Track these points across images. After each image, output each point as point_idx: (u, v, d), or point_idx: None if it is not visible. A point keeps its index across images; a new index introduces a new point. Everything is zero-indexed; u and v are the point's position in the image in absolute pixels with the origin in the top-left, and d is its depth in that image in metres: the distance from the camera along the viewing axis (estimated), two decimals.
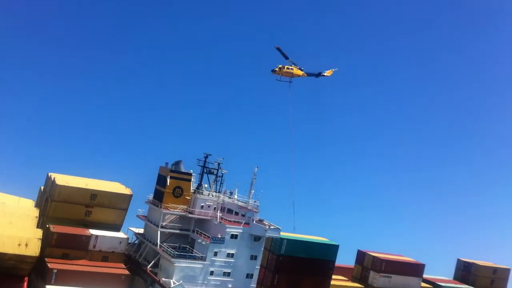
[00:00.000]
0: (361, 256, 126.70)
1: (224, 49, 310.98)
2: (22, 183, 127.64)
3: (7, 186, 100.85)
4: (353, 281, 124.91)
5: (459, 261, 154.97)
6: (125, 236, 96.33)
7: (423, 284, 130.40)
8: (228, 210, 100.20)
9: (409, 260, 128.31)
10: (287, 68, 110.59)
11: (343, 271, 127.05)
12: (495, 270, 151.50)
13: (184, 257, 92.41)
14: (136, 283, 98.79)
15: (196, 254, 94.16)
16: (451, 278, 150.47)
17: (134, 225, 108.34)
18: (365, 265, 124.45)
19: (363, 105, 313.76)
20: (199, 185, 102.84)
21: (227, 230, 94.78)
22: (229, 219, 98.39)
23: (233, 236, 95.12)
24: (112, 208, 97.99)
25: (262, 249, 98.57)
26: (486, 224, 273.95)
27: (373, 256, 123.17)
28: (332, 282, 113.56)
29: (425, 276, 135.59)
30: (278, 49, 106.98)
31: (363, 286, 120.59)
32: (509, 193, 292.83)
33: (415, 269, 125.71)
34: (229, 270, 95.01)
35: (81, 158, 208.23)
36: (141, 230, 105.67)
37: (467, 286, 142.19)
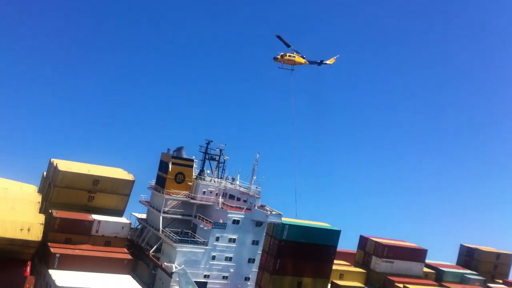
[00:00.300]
0: (363, 241, 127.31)
1: (227, 36, 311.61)
2: (25, 169, 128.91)
3: (10, 172, 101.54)
4: (355, 266, 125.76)
5: (462, 246, 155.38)
6: (128, 221, 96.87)
7: (425, 269, 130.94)
8: (230, 196, 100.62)
9: (411, 245, 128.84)
10: (289, 56, 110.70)
11: (346, 256, 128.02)
12: (498, 255, 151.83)
13: (186, 242, 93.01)
14: (139, 268, 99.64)
15: (198, 239, 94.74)
16: (454, 264, 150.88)
17: (137, 210, 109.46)
18: (367, 250, 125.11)
19: (364, 92, 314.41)
20: (201, 171, 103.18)
21: (229, 215, 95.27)
22: (231, 205, 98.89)
23: (235, 222, 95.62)
24: (114, 194, 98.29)
25: (264, 234, 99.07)
26: (490, 210, 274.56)
27: (375, 242, 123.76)
28: (335, 267, 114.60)
29: (428, 261, 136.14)
30: (279, 37, 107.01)
31: (365, 271, 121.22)
32: None
33: (417, 254, 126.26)
34: (231, 255, 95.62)
35: (84, 145, 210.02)
36: (144, 216, 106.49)
37: (469, 271, 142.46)
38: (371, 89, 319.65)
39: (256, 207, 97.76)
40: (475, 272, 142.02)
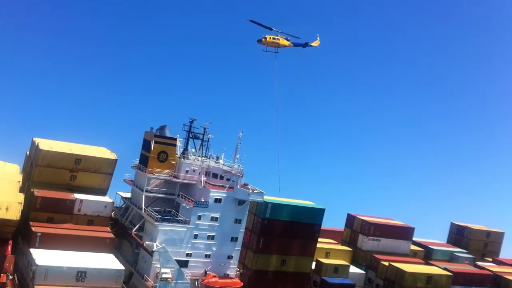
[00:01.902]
0: (350, 219, 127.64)
1: (211, 14, 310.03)
2: (9, 149, 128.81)
3: None
4: (342, 244, 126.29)
5: (452, 224, 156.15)
6: (110, 200, 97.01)
7: (414, 247, 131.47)
8: (213, 175, 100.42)
9: (398, 223, 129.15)
10: (273, 39, 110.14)
11: (333, 234, 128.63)
12: (488, 233, 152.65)
13: (168, 220, 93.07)
14: (124, 247, 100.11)
15: (180, 218, 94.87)
16: (444, 242, 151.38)
17: (123, 189, 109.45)
18: (354, 229, 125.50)
19: (348, 69, 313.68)
20: (185, 150, 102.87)
21: (211, 194, 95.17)
22: (214, 184, 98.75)
23: (217, 200, 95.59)
24: (97, 173, 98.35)
25: (247, 212, 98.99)
26: (480, 189, 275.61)
27: (362, 220, 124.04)
28: (321, 245, 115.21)
29: (417, 239, 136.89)
30: (252, 21, 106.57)
31: (351, 249, 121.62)
32: (504, 159, 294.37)
33: (404, 232, 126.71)
34: (213, 234, 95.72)
35: (70, 124, 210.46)
36: (129, 195, 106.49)
37: (459, 249, 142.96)
38: (355, 68, 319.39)
39: (238, 186, 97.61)
40: (464, 250, 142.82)
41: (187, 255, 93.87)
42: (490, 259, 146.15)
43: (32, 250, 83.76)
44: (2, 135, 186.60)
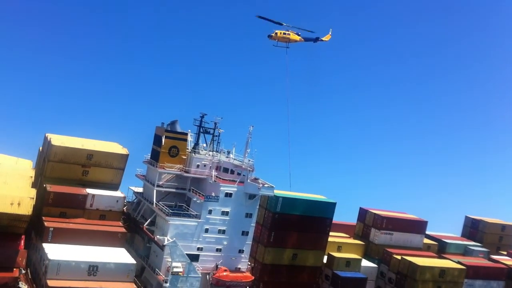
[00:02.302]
0: (362, 213, 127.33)
1: (221, 7, 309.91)
2: (22, 144, 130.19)
3: (9, 148, 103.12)
4: (355, 238, 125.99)
5: (467, 218, 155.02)
6: (122, 195, 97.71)
7: (428, 241, 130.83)
8: (224, 169, 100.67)
9: (410, 217, 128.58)
10: (284, 34, 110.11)
11: (346, 228, 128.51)
12: (503, 227, 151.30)
13: (178, 215, 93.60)
14: (136, 241, 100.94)
15: (191, 213, 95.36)
16: (458, 235, 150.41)
17: (137, 184, 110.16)
18: (367, 223, 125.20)
19: (359, 62, 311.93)
20: (196, 145, 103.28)
21: (221, 188, 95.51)
22: (225, 178, 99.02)
23: (227, 195, 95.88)
24: (108, 168, 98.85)
25: (257, 207, 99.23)
26: (495, 182, 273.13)
27: (374, 214, 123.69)
28: (333, 239, 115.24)
29: (431, 233, 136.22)
30: (261, 17, 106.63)
31: (363, 243, 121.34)
32: None
33: (417, 226, 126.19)
34: (224, 228, 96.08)
35: (83, 120, 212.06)
36: (141, 189, 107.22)
37: (473, 242, 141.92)
38: (367, 59, 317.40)
39: (249, 180, 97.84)
40: (479, 244, 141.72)
41: (198, 249, 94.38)
42: (505, 253, 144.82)
43: (44, 245, 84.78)
44: (16, 131, 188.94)
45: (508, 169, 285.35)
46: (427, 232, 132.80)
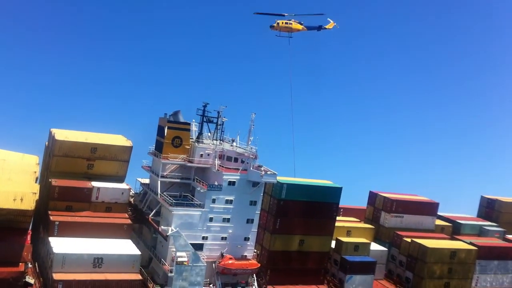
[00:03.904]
0: (372, 197, 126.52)
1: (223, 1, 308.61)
2: (29, 140, 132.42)
3: (16, 143, 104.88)
4: (365, 222, 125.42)
5: (482, 198, 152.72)
6: (127, 187, 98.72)
7: (441, 222, 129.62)
8: (227, 158, 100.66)
9: (421, 199, 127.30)
10: (286, 23, 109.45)
11: (356, 212, 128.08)
12: None
13: (182, 205, 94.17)
14: (144, 232, 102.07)
15: (195, 202, 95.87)
16: (474, 216, 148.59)
17: (143, 176, 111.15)
18: (377, 206, 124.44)
19: (365, 52, 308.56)
20: (200, 134, 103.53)
21: (224, 177, 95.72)
22: (229, 167, 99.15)
23: (231, 183, 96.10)
24: (113, 160, 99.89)
25: (262, 194, 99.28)
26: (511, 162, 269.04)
27: (384, 197, 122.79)
28: (342, 224, 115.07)
29: (445, 214, 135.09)
30: (259, 13, 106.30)
31: (373, 227, 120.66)
32: None
33: (428, 208, 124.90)
34: (228, 216, 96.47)
35: (88, 114, 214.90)
36: (148, 181, 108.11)
37: (489, 223, 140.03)
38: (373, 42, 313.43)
39: (252, 168, 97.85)
40: (495, 224, 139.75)
41: (203, 238, 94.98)
42: None
43: (50, 239, 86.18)
44: (23, 128, 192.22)
45: None
46: (441, 214, 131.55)
